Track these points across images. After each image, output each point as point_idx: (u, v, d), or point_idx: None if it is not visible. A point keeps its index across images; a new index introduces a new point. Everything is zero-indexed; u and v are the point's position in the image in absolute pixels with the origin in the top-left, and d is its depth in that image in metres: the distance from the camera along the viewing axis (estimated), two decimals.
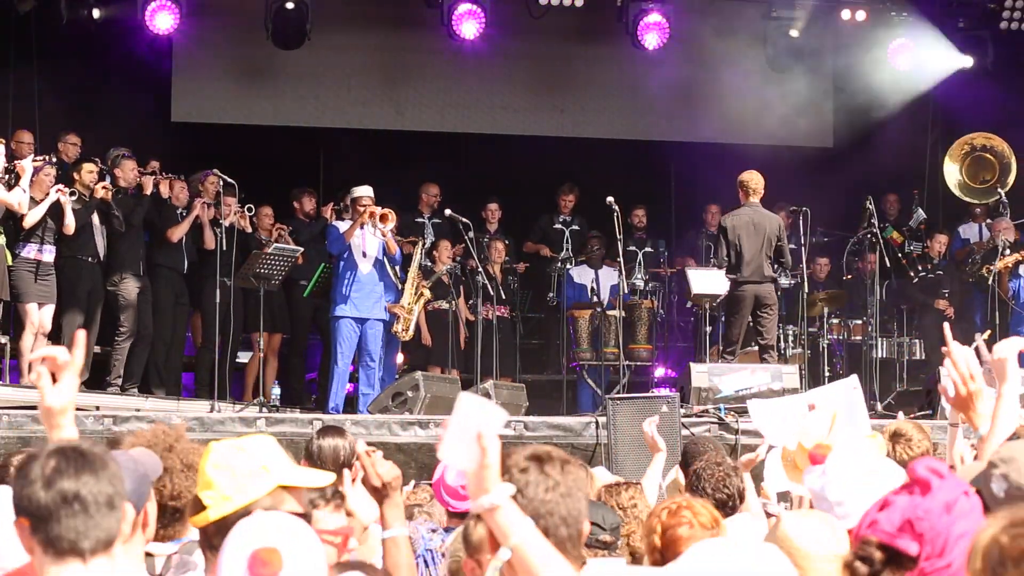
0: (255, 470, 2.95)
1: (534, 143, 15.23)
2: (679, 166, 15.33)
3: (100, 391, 11.19)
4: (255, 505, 2.93)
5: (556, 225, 14.23)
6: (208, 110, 14.83)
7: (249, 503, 2.93)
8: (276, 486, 2.95)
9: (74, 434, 3.08)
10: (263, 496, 2.94)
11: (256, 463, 2.96)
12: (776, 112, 15.72)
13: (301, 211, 12.91)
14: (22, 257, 10.80)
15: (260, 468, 2.96)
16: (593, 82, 15.44)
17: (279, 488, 2.96)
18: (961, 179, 12.90)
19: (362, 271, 11.72)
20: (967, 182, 13.04)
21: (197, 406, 11.07)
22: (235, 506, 2.93)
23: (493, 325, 12.42)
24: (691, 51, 14.77)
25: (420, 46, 14.96)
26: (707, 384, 10.81)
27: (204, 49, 14.45)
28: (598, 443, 9.94)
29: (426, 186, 13.85)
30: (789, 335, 12.67)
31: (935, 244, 13.76)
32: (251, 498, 2.93)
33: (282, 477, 2.97)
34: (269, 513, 2.75)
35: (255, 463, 2.96)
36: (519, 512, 2.74)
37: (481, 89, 15.26)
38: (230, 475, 2.95)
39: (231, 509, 2.93)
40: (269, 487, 2.95)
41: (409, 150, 15.04)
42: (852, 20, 14.47)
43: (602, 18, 14.55)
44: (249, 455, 2.98)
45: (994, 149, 13.16)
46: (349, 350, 11.71)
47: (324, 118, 15.14)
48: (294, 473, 3.00)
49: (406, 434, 9.84)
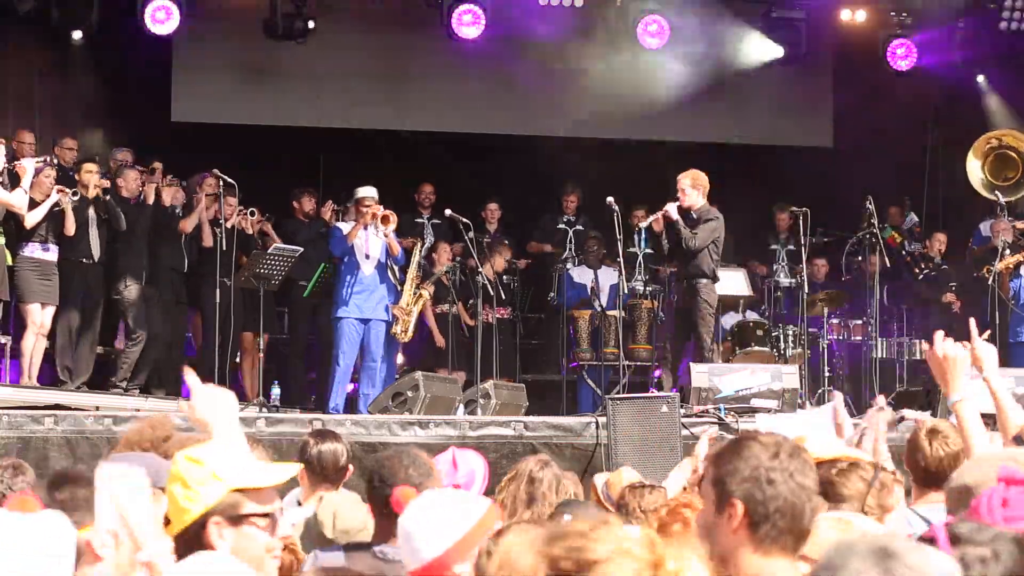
0: (206, 478, 2.95)
1: (534, 143, 15.23)
2: (679, 166, 15.31)
3: (101, 391, 11.18)
4: (212, 512, 2.92)
5: (559, 225, 14.24)
6: (208, 110, 14.83)
7: (203, 512, 2.93)
8: (229, 491, 2.94)
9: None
10: (217, 503, 2.93)
11: (206, 471, 2.96)
12: (776, 112, 15.74)
13: (301, 211, 12.91)
14: (25, 257, 10.78)
15: (210, 475, 2.95)
16: (593, 82, 15.43)
17: (235, 492, 2.95)
18: (984, 176, 12.88)
19: (364, 272, 11.71)
20: (990, 179, 13.01)
21: None
22: (191, 516, 2.93)
23: (493, 326, 12.43)
24: (691, 51, 14.78)
25: (420, 46, 14.96)
26: (707, 384, 10.80)
27: (204, 49, 14.46)
28: (598, 443, 9.93)
29: (419, 185, 13.86)
30: (789, 335, 12.67)
31: (934, 243, 13.76)
32: (205, 506, 2.93)
33: (234, 481, 2.95)
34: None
35: (206, 471, 2.95)
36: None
37: (481, 89, 15.25)
38: (183, 486, 2.95)
39: (188, 520, 2.93)
40: (221, 493, 2.94)
41: (409, 150, 15.05)
42: (852, 20, 14.48)
43: (602, 18, 14.56)
44: (201, 463, 2.97)
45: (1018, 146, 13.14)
46: (351, 351, 11.70)
47: (324, 118, 15.13)
48: (248, 475, 2.98)
49: (406, 434, 9.84)
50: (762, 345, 12.36)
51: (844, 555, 2.00)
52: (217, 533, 2.91)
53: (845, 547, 2.01)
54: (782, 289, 13.59)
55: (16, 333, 11.01)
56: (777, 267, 13.98)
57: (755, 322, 12.67)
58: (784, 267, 13.90)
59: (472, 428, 9.94)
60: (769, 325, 12.70)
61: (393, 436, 9.76)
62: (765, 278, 13.80)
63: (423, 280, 12.28)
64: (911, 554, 1.95)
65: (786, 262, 13.92)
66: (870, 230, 12.33)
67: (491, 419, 10.24)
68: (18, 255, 10.76)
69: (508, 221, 14.23)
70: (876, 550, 1.96)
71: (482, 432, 9.88)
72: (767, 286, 13.68)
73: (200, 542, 2.90)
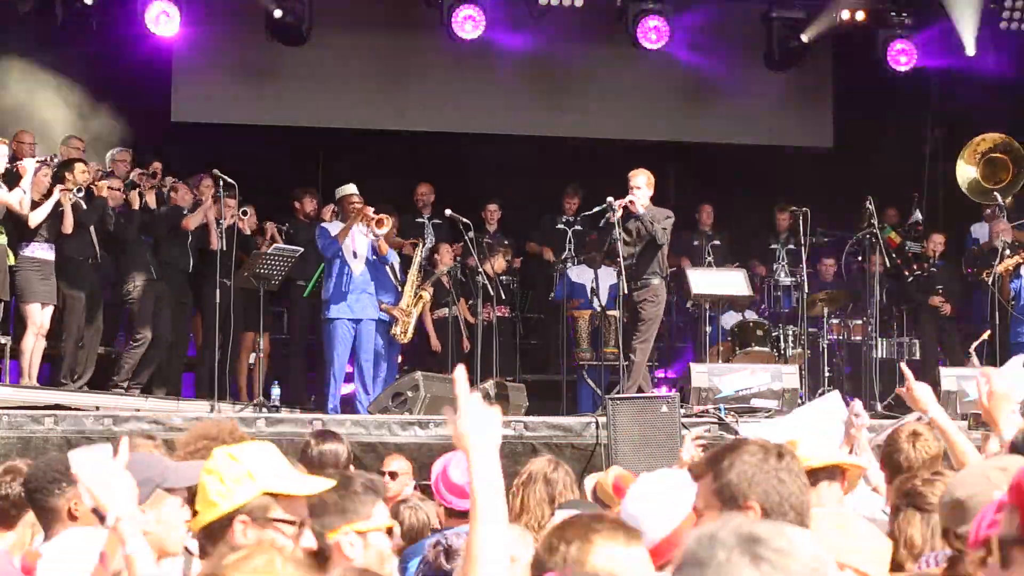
0: (241, 476, 2.97)
1: (534, 143, 15.23)
2: (679, 166, 15.33)
3: (102, 391, 11.19)
4: (240, 511, 2.94)
5: (559, 225, 14.23)
6: (208, 110, 14.83)
7: (232, 509, 2.95)
8: (261, 492, 2.96)
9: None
10: (247, 502, 2.95)
11: (242, 469, 2.97)
12: (776, 112, 15.75)
13: (301, 212, 12.91)
14: (26, 257, 10.74)
15: (245, 474, 2.97)
16: (593, 82, 15.44)
17: (267, 495, 2.96)
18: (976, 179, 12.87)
19: (355, 271, 11.70)
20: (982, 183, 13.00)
21: (197, 406, 11.08)
22: (219, 512, 2.95)
23: (493, 326, 12.43)
24: (691, 51, 14.78)
25: (420, 46, 14.97)
26: (707, 384, 10.82)
27: (204, 49, 14.45)
28: (598, 443, 9.93)
29: (419, 185, 13.87)
30: (789, 335, 12.67)
31: (931, 244, 13.76)
32: (234, 504, 2.95)
33: (268, 484, 2.97)
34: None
35: (241, 469, 2.97)
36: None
37: (481, 89, 15.26)
38: (218, 481, 2.97)
39: (216, 515, 2.95)
40: (253, 493, 2.96)
41: (409, 150, 15.05)
42: (852, 20, 14.48)
43: (602, 18, 14.57)
44: (239, 461, 2.99)
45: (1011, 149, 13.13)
46: (344, 351, 11.70)
47: (324, 118, 15.14)
48: (282, 481, 3.00)
49: (406, 434, 9.84)
50: (762, 345, 12.36)
51: (708, 546, 1.90)
52: (242, 532, 2.93)
53: (707, 538, 1.91)
54: (782, 289, 13.59)
55: (16, 333, 10.99)
56: (777, 267, 13.98)
57: (755, 322, 12.67)
58: (784, 267, 13.90)
59: None
60: (769, 325, 12.70)
61: (393, 436, 9.76)
62: (765, 278, 13.80)
63: (423, 281, 12.28)
64: (776, 539, 1.89)
65: (786, 262, 13.92)
66: (870, 230, 12.33)
67: None
68: (19, 255, 10.74)
69: (508, 221, 14.23)
70: (741, 537, 1.89)
71: None
72: (767, 286, 13.68)
73: (224, 537, 2.92)
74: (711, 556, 1.88)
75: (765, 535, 1.90)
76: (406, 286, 12.05)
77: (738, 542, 1.89)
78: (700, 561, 1.89)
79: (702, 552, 1.89)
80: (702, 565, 1.88)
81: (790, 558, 1.87)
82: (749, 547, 1.88)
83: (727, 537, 1.89)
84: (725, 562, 1.87)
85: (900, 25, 14.52)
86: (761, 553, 1.87)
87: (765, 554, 1.87)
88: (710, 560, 1.88)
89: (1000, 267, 12.32)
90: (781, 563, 1.86)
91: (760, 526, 1.93)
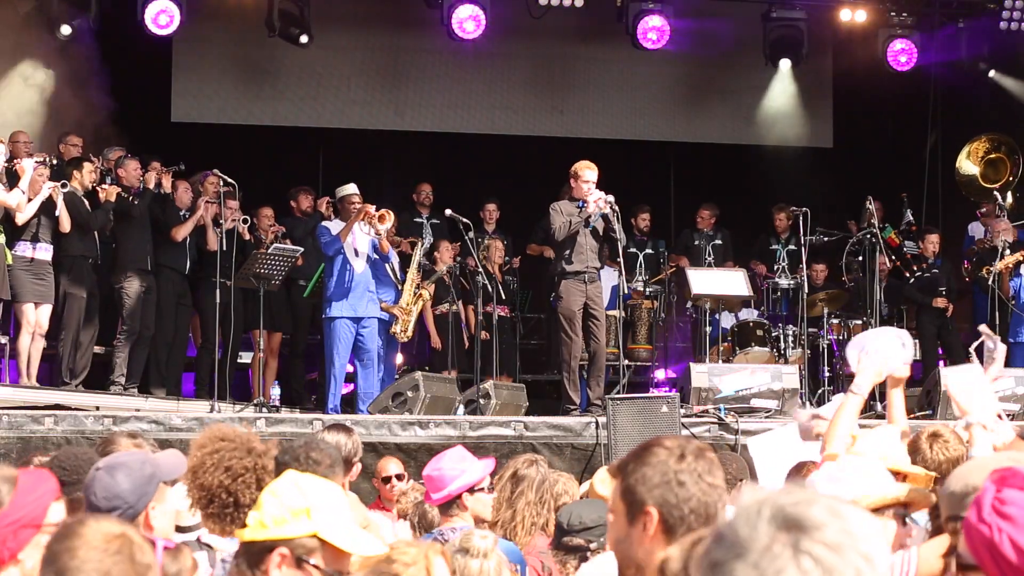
0: (300, 510, 2.88)
1: (534, 143, 15.24)
2: (679, 166, 15.34)
3: (101, 391, 11.18)
4: (284, 544, 2.86)
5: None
6: (208, 110, 14.84)
7: (277, 539, 2.87)
8: (311, 534, 2.87)
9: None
10: (294, 538, 2.86)
11: (303, 504, 2.88)
12: (776, 112, 15.75)
13: (298, 209, 12.91)
14: (17, 255, 10.71)
15: (304, 510, 2.87)
16: (593, 82, 15.44)
17: (315, 538, 2.86)
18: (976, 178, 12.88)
19: (356, 270, 11.67)
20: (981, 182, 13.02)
21: (197, 406, 11.07)
22: (266, 536, 2.88)
23: (494, 325, 12.42)
24: (691, 51, 14.78)
25: (420, 46, 14.97)
26: (707, 384, 10.81)
27: (204, 49, 14.46)
28: (598, 443, 9.93)
29: (419, 185, 13.86)
30: (789, 335, 12.66)
31: (928, 244, 13.74)
32: (281, 535, 2.87)
33: (320, 528, 2.87)
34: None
35: (303, 503, 2.88)
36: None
37: (481, 89, 15.26)
38: (277, 505, 2.89)
39: (261, 537, 2.88)
40: (303, 532, 2.87)
41: (409, 150, 15.05)
42: (852, 20, 14.48)
43: (602, 18, 14.56)
44: (304, 494, 2.90)
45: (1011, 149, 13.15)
46: (345, 350, 11.66)
47: (324, 118, 15.14)
48: (335, 531, 2.89)
49: (406, 434, 9.84)
50: (762, 345, 12.35)
51: (749, 524, 1.69)
52: (277, 563, 2.85)
53: (752, 513, 1.70)
54: (782, 289, 13.57)
55: (16, 333, 10.98)
56: (777, 267, 13.97)
57: (755, 322, 12.66)
58: (784, 267, 13.89)
59: (472, 428, 9.93)
60: (769, 325, 12.69)
61: (393, 436, 9.75)
62: (765, 278, 13.79)
63: (423, 280, 12.28)
64: (824, 529, 1.68)
65: (786, 262, 13.91)
66: (870, 230, 12.33)
67: (491, 419, 10.24)
68: (12, 254, 10.72)
69: (508, 221, 14.22)
70: (787, 521, 1.69)
71: (482, 432, 9.87)
72: (767, 286, 13.67)
73: (258, 560, 2.86)
74: (752, 539, 1.69)
75: (812, 521, 1.69)
76: (406, 285, 12.04)
77: (783, 525, 1.69)
78: (739, 541, 1.70)
79: (743, 531, 1.70)
80: (741, 546, 1.69)
81: (837, 552, 1.67)
82: (793, 535, 1.68)
83: (770, 514, 1.70)
84: (765, 551, 1.67)
85: (900, 25, 14.53)
86: (803, 546, 1.67)
87: (807, 546, 1.67)
88: (751, 543, 1.69)
89: (1000, 264, 12.32)
90: (826, 560, 1.67)
91: (809, 507, 1.70)
